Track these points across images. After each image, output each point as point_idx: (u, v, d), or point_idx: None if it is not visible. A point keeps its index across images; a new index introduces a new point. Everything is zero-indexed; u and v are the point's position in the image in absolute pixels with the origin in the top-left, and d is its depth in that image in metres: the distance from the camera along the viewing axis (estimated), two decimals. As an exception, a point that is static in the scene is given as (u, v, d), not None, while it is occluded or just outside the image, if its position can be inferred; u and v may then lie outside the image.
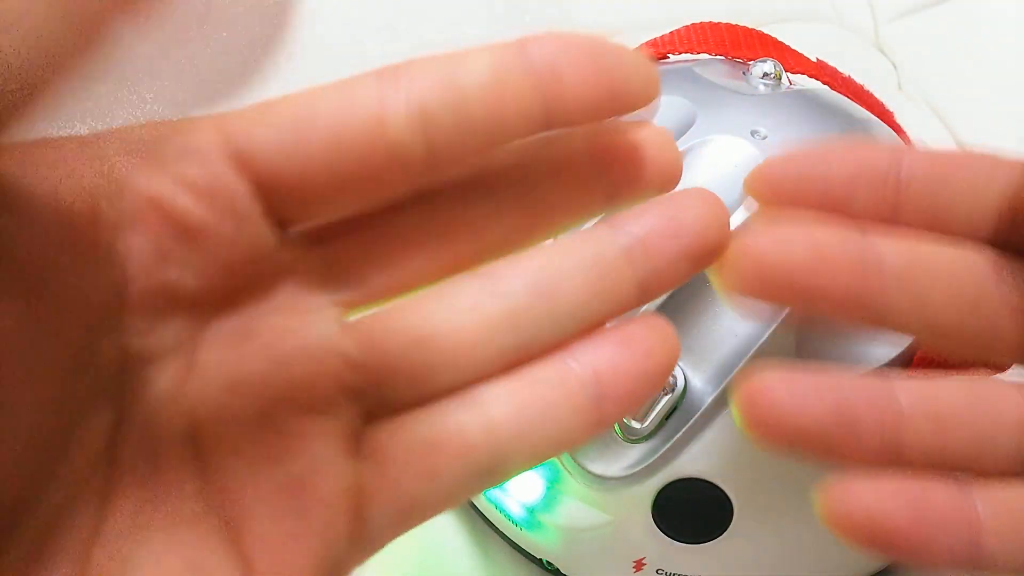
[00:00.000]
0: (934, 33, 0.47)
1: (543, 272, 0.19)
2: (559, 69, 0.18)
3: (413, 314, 0.19)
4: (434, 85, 0.17)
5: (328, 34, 0.42)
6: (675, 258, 0.19)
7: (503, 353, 0.19)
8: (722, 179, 0.27)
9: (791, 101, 0.30)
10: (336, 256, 0.19)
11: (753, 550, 0.26)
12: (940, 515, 0.19)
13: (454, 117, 0.17)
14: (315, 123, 0.17)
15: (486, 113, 0.18)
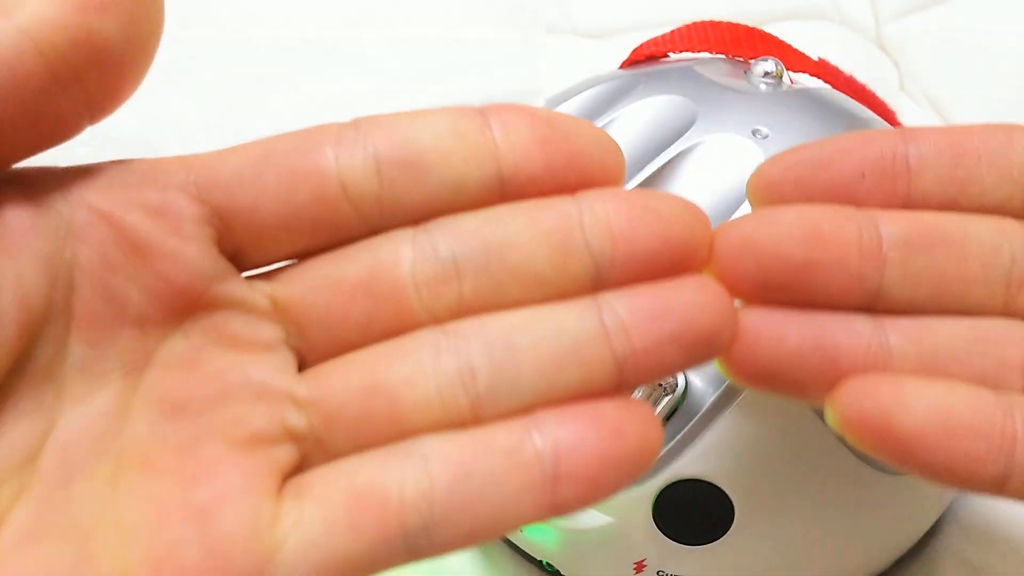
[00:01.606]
0: (936, 32, 0.47)
1: (506, 334, 0.18)
2: (516, 134, 0.18)
3: (368, 361, 0.18)
4: (391, 135, 0.18)
5: (327, 34, 0.42)
6: (660, 343, 0.18)
7: (458, 413, 0.18)
8: (723, 179, 0.27)
9: (792, 100, 0.29)
10: (291, 297, 0.19)
11: (754, 551, 0.26)
12: (973, 420, 0.17)
13: (406, 167, 0.18)
14: (272, 161, 0.18)
15: (438, 167, 0.18)
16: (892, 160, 0.19)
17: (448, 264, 0.18)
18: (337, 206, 0.18)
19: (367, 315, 0.18)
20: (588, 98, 0.31)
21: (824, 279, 0.18)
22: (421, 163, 0.18)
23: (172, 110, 0.39)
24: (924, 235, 0.19)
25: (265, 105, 0.40)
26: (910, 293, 0.19)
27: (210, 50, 0.40)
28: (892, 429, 0.17)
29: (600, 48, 0.47)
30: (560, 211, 0.18)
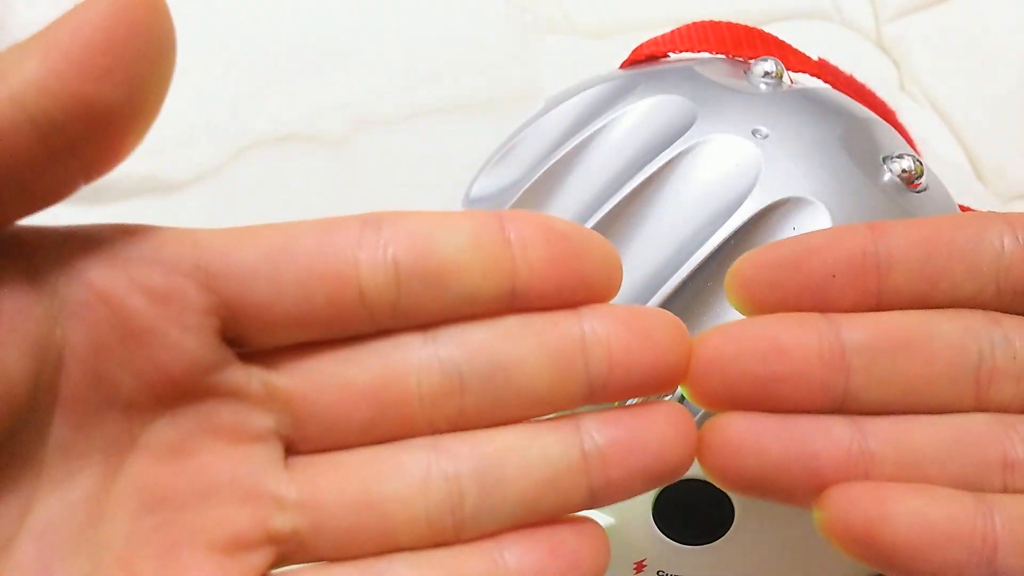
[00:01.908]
0: (936, 32, 0.47)
1: (496, 459, 0.18)
2: (533, 252, 0.18)
3: (362, 472, 0.18)
4: (413, 243, 0.18)
5: (327, 34, 0.42)
6: (631, 474, 0.19)
7: (442, 533, 0.18)
8: (722, 179, 0.27)
9: (792, 100, 0.29)
10: (291, 389, 0.18)
11: (754, 551, 0.26)
12: (953, 528, 0.18)
13: (425, 279, 0.18)
14: (291, 258, 0.18)
15: (456, 281, 0.18)
16: (862, 258, 0.20)
17: (454, 378, 0.18)
18: (352, 309, 0.18)
19: (369, 420, 0.18)
20: (588, 98, 0.31)
21: (787, 391, 0.19)
22: (440, 275, 0.18)
23: (173, 110, 0.39)
24: (887, 339, 0.19)
25: (265, 105, 0.40)
26: (878, 396, 0.19)
27: (210, 50, 0.40)
28: (876, 540, 0.18)
29: (600, 48, 0.47)
30: (565, 333, 0.19)
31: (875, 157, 0.29)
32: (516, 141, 0.31)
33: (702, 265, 0.25)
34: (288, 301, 0.18)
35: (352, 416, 0.18)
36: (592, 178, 0.28)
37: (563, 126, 0.31)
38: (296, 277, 0.18)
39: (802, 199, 0.26)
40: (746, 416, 0.19)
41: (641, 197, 0.27)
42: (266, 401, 0.18)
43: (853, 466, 0.19)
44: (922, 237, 0.20)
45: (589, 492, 0.19)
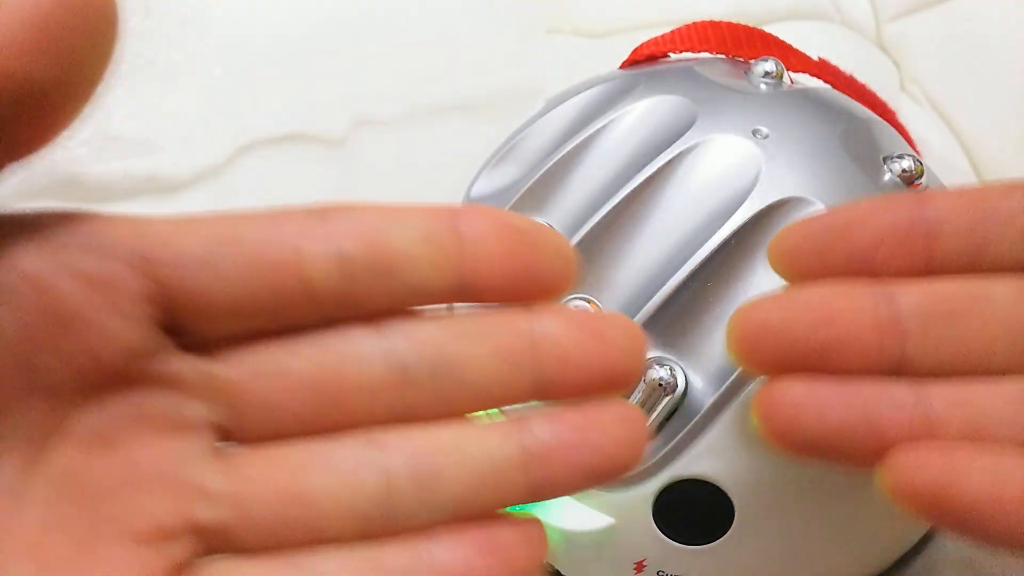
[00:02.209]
0: (936, 32, 0.47)
1: (432, 454, 0.18)
2: (485, 245, 0.18)
3: (292, 465, 0.18)
4: (361, 234, 0.18)
5: (327, 34, 0.42)
6: (575, 472, 0.19)
7: (368, 527, 0.18)
8: (723, 179, 0.27)
9: (793, 100, 0.29)
10: (228, 377, 0.18)
11: (754, 551, 0.26)
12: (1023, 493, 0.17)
13: (372, 269, 0.18)
14: (234, 247, 0.17)
15: (404, 272, 0.18)
16: (909, 226, 0.20)
17: (398, 372, 0.18)
18: (296, 298, 0.18)
19: (309, 410, 0.18)
20: (588, 98, 0.31)
21: (843, 356, 0.19)
22: (388, 267, 0.18)
23: (173, 110, 0.39)
24: (941, 303, 0.19)
25: (265, 105, 0.40)
26: (934, 360, 0.19)
27: (211, 50, 0.40)
28: (948, 501, 0.18)
29: (600, 48, 0.47)
30: (515, 330, 0.19)
31: (875, 157, 0.29)
32: (516, 141, 0.31)
33: (702, 265, 0.25)
34: (230, 290, 0.17)
35: (291, 406, 0.18)
36: (592, 178, 0.28)
37: (563, 126, 0.31)
38: (238, 266, 0.17)
39: (802, 199, 0.26)
40: (806, 379, 0.19)
41: (641, 197, 0.27)
42: (202, 390, 0.18)
43: (917, 428, 0.18)
44: (969, 204, 0.20)
45: (528, 488, 0.19)
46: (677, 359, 0.26)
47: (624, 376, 0.19)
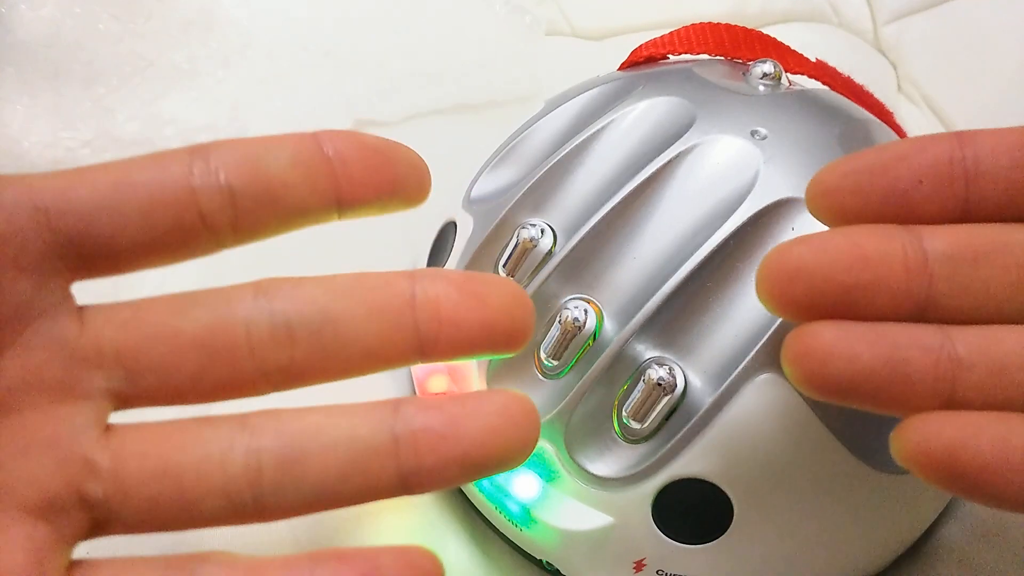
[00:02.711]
0: (933, 34, 0.47)
1: (300, 437, 0.19)
2: (351, 165, 0.19)
3: (167, 442, 0.19)
4: (242, 166, 0.19)
5: (327, 34, 0.42)
6: (446, 463, 0.19)
7: (238, 507, 0.19)
8: (721, 179, 0.27)
9: (791, 102, 0.30)
10: (122, 342, 0.19)
11: (753, 550, 0.26)
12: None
13: (257, 198, 0.19)
14: (131, 191, 0.18)
15: (287, 197, 0.19)
16: (949, 165, 0.20)
17: (282, 330, 0.19)
18: (195, 232, 0.19)
19: (200, 369, 0.19)
20: (587, 100, 0.31)
21: (872, 299, 0.19)
22: (271, 193, 0.19)
23: (173, 110, 0.39)
24: (968, 247, 0.19)
25: (266, 105, 0.40)
26: (960, 304, 0.19)
27: (212, 52, 0.40)
28: (959, 466, 0.18)
29: (599, 50, 0.48)
30: (396, 290, 0.19)
31: (873, 158, 0.29)
32: (516, 142, 0.31)
33: (701, 265, 0.26)
34: (133, 231, 0.18)
35: (182, 365, 0.19)
36: (592, 179, 0.28)
37: (563, 127, 0.31)
38: (138, 208, 0.18)
39: (801, 200, 0.26)
40: (836, 324, 0.19)
41: (640, 198, 0.27)
42: (96, 357, 0.19)
43: (942, 371, 0.19)
44: (1009, 144, 0.20)
45: (399, 477, 0.19)
46: (676, 359, 0.26)
47: (506, 337, 0.19)
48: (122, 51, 0.39)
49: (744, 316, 0.26)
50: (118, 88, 0.39)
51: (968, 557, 0.31)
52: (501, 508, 0.28)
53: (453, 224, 0.31)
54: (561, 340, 0.26)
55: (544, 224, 0.28)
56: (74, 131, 0.38)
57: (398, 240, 0.38)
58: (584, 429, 0.26)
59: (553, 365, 0.26)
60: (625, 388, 0.26)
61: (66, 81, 0.38)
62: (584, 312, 0.26)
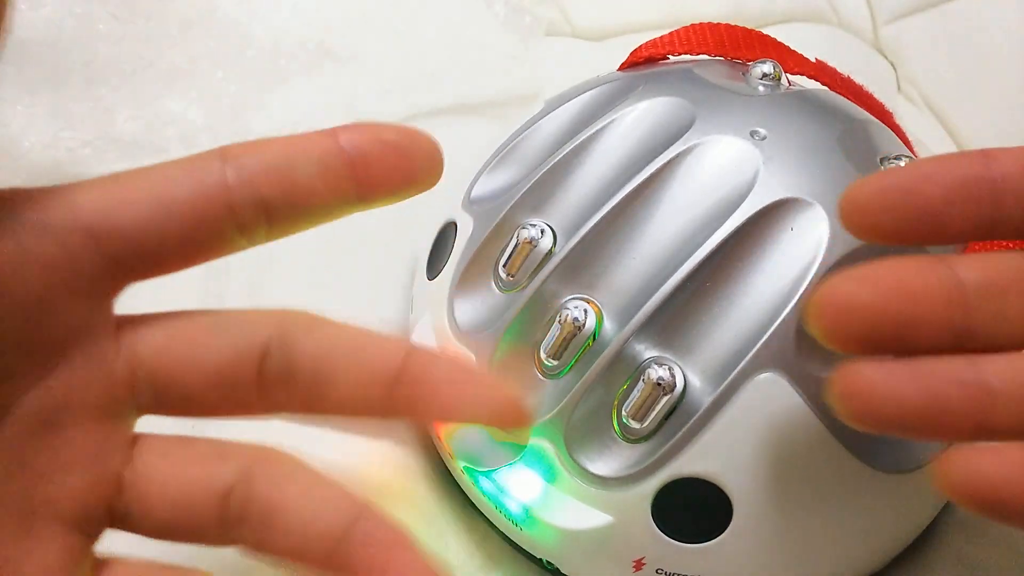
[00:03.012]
0: (933, 34, 0.47)
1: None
2: (371, 165, 0.21)
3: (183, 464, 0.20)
4: (273, 174, 0.20)
5: (327, 34, 0.42)
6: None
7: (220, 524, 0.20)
8: (721, 180, 0.27)
9: (790, 102, 0.30)
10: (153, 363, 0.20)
11: (752, 549, 0.26)
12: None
13: (289, 208, 0.20)
14: (173, 207, 0.19)
15: (314, 203, 0.20)
16: (977, 184, 0.20)
17: (287, 374, 0.20)
18: (232, 240, 0.20)
19: (217, 396, 0.20)
20: (587, 100, 0.31)
21: (919, 332, 0.20)
22: (298, 201, 0.20)
23: (175, 112, 0.39)
24: (998, 278, 0.20)
25: (266, 105, 0.40)
26: (991, 332, 0.20)
27: (212, 52, 0.40)
28: (1002, 499, 0.19)
29: (599, 50, 0.48)
30: (392, 362, 0.21)
31: (872, 158, 0.29)
32: (516, 142, 0.31)
33: (701, 265, 0.26)
34: (175, 246, 0.19)
35: (202, 393, 0.20)
36: (592, 179, 0.28)
37: (563, 127, 0.31)
38: (180, 226, 0.19)
39: (800, 200, 0.26)
40: (879, 366, 0.20)
41: (641, 198, 0.27)
42: (131, 378, 0.20)
43: (977, 403, 0.20)
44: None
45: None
46: (675, 359, 0.26)
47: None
48: (122, 51, 0.39)
49: (743, 316, 0.26)
50: (118, 88, 0.39)
51: (968, 557, 0.31)
52: (501, 507, 0.28)
53: (453, 224, 0.31)
54: (561, 340, 0.26)
55: (544, 224, 0.28)
56: (74, 131, 0.38)
57: (398, 240, 0.38)
58: (584, 429, 0.26)
59: (553, 365, 0.27)
60: (625, 388, 0.26)
61: (66, 81, 0.38)
62: (584, 312, 0.26)
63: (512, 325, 0.27)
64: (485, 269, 0.29)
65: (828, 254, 0.26)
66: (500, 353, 0.27)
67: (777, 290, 0.26)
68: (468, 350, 0.28)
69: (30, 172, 0.38)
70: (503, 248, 0.28)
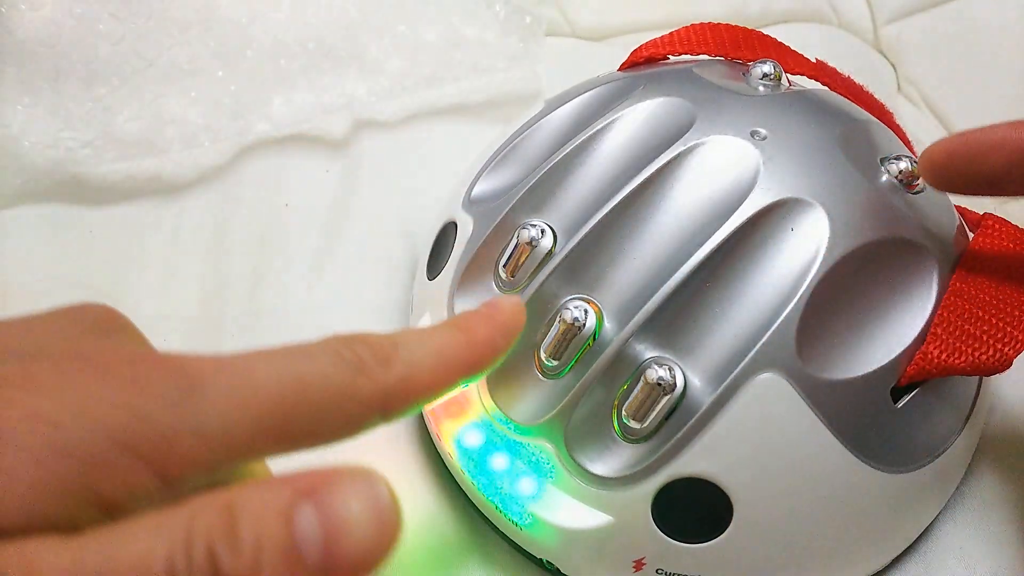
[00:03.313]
0: (933, 34, 0.47)
1: None
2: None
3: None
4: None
5: (327, 35, 0.42)
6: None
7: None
8: (721, 180, 0.27)
9: (791, 102, 0.30)
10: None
11: (753, 549, 0.26)
12: None
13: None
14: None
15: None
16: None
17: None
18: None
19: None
20: (587, 100, 0.31)
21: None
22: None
23: (175, 112, 0.39)
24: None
25: (266, 105, 0.41)
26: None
27: (212, 52, 0.40)
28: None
29: (599, 50, 0.48)
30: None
31: (873, 158, 0.29)
32: (516, 142, 0.31)
33: (701, 265, 0.26)
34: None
35: None
36: (592, 179, 0.28)
37: (563, 127, 0.31)
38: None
39: (800, 200, 0.26)
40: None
41: (641, 198, 0.27)
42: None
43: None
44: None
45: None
46: (676, 359, 0.26)
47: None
48: (122, 51, 0.39)
49: (744, 316, 0.26)
50: (118, 88, 0.39)
51: (968, 557, 0.31)
52: (501, 507, 0.28)
53: (453, 224, 0.31)
54: (561, 340, 0.26)
55: (544, 224, 0.28)
56: (74, 131, 0.38)
57: (398, 240, 0.38)
58: (584, 429, 0.26)
59: (553, 365, 0.27)
60: (625, 388, 0.26)
61: (66, 81, 0.38)
62: (584, 312, 0.26)
63: (512, 325, 0.27)
64: (485, 269, 0.29)
65: (828, 254, 0.26)
66: (500, 353, 0.27)
67: (777, 290, 0.26)
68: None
69: (30, 172, 0.38)
70: (503, 248, 0.28)
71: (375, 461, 0.31)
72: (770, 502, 0.26)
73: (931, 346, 0.26)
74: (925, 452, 0.28)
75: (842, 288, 0.26)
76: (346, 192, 0.39)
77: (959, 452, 0.29)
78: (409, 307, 0.34)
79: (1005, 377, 0.33)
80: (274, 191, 0.39)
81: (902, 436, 0.27)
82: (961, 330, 0.26)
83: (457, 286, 0.29)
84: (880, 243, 0.27)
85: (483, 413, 0.28)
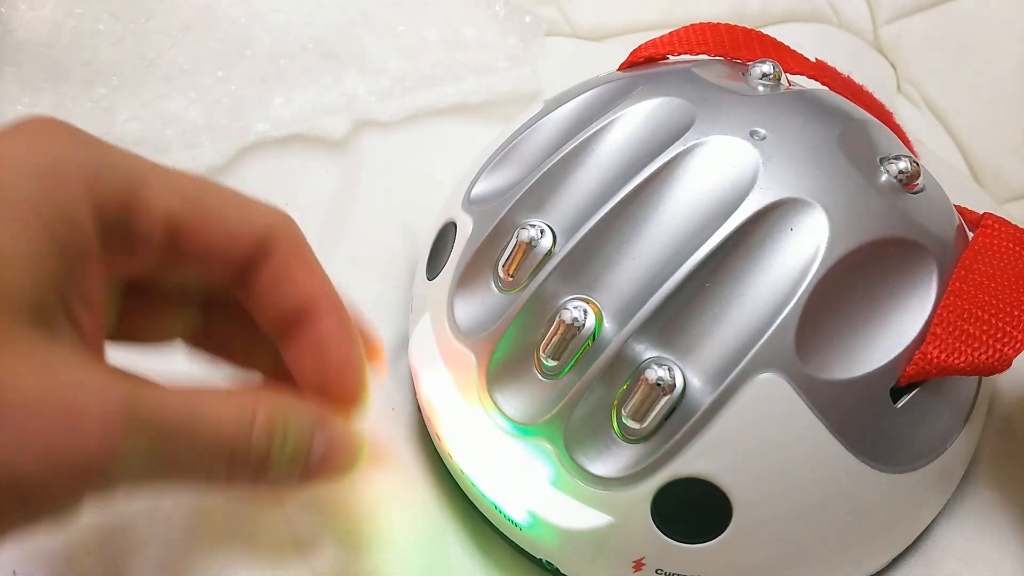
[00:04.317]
0: (933, 34, 0.48)
1: None
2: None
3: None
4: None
5: (327, 34, 0.42)
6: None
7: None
8: (721, 180, 0.27)
9: (790, 102, 0.30)
10: None
11: (752, 549, 0.26)
12: None
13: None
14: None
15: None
16: None
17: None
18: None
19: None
20: (587, 100, 0.31)
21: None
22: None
23: (175, 112, 0.39)
24: None
25: (267, 106, 0.40)
26: None
27: (212, 52, 0.40)
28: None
29: (599, 50, 0.48)
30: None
31: (872, 158, 0.29)
32: (516, 142, 0.31)
33: (700, 265, 0.26)
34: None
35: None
36: (592, 179, 0.28)
37: (563, 127, 0.31)
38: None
39: (800, 200, 0.26)
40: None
41: (640, 198, 0.27)
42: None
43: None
44: None
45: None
46: (675, 359, 0.26)
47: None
48: (122, 51, 0.39)
49: (743, 316, 0.26)
50: (118, 88, 0.39)
51: (968, 557, 0.31)
52: (501, 508, 0.28)
53: (453, 224, 0.31)
54: (561, 340, 0.26)
55: (544, 224, 0.28)
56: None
57: (398, 240, 0.38)
58: (584, 429, 0.26)
59: (553, 365, 0.27)
60: (624, 388, 0.26)
61: (66, 81, 0.38)
62: (584, 312, 0.26)
63: (512, 325, 0.27)
64: (485, 269, 0.29)
65: (827, 254, 0.26)
66: (500, 353, 0.27)
67: (777, 290, 0.26)
68: (468, 350, 0.28)
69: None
70: (503, 248, 0.28)
71: (375, 461, 0.31)
72: (770, 502, 0.26)
73: (930, 346, 0.26)
74: (925, 452, 0.28)
75: (841, 288, 0.26)
76: (346, 192, 0.39)
77: (959, 452, 0.29)
78: (409, 307, 0.34)
79: (1005, 377, 0.33)
80: (274, 191, 0.39)
81: (902, 436, 0.27)
82: (960, 330, 0.26)
83: (457, 286, 0.29)
84: (880, 243, 0.27)
85: (483, 413, 0.28)
